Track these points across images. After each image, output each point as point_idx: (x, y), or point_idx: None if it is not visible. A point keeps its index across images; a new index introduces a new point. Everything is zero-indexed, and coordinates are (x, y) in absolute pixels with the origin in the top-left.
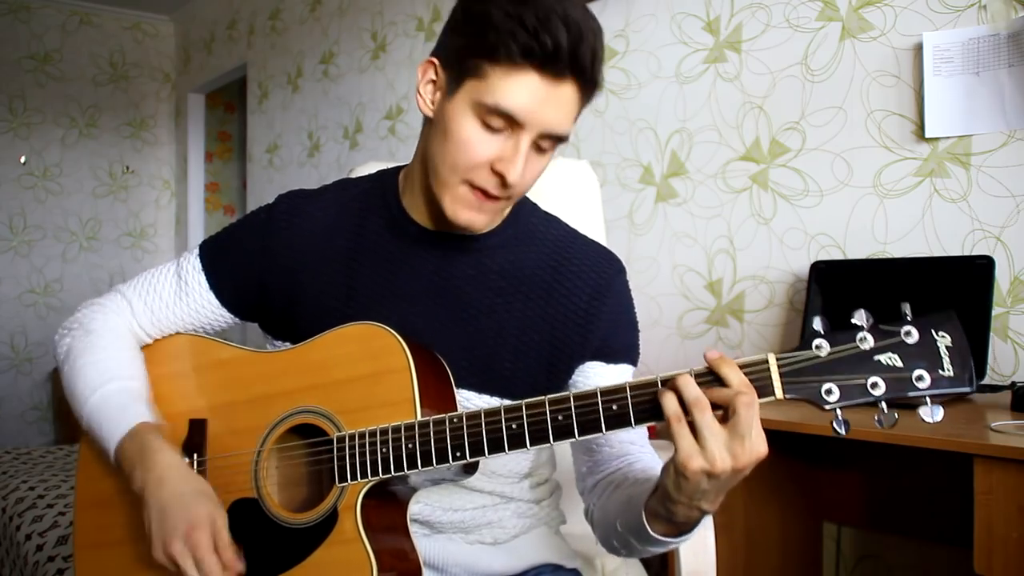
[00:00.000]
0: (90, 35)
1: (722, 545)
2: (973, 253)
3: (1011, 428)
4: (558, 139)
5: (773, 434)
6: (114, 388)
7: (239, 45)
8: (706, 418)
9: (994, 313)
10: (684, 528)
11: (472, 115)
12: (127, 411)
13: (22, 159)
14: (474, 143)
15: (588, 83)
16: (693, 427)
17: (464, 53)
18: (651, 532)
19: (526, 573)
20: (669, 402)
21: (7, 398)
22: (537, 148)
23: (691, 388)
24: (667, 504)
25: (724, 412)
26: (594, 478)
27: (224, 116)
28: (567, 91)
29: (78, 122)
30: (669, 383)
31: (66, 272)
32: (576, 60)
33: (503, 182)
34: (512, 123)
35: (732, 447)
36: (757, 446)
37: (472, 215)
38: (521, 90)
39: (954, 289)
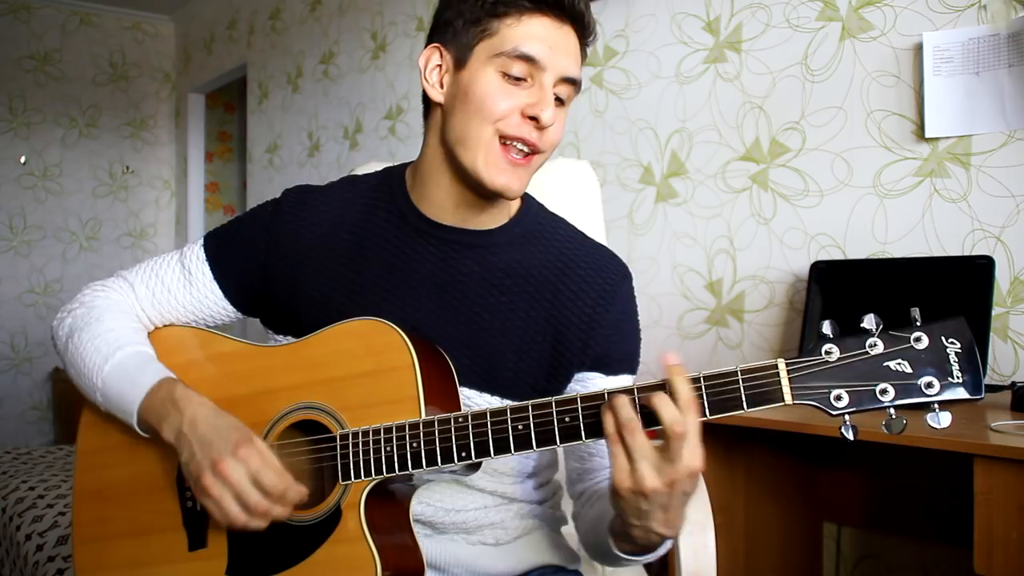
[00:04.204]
0: (90, 35)
1: (722, 545)
2: (973, 253)
3: (1011, 428)
4: (572, 84)
5: (774, 434)
6: (129, 352)
7: (239, 45)
8: (636, 440)
9: (994, 313)
10: (648, 549)
11: (492, 70)
12: (146, 369)
13: (22, 159)
14: (500, 93)
15: (584, 29)
16: (626, 448)
17: (468, 23)
18: (615, 550)
19: (528, 574)
20: (607, 421)
21: (7, 398)
22: (557, 100)
23: (624, 410)
24: (624, 526)
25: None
26: (582, 486)
27: (224, 116)
28: (570, 34)
29: (78, 122)
30: (609, 401)
31: (66, 272)
32: (573, 4)
33: (537, 125)
34: (533, 68)
35: (661, 468)
36: (688, 464)
37: (508, 177)
38: (535, 33)
39: (954, 289)
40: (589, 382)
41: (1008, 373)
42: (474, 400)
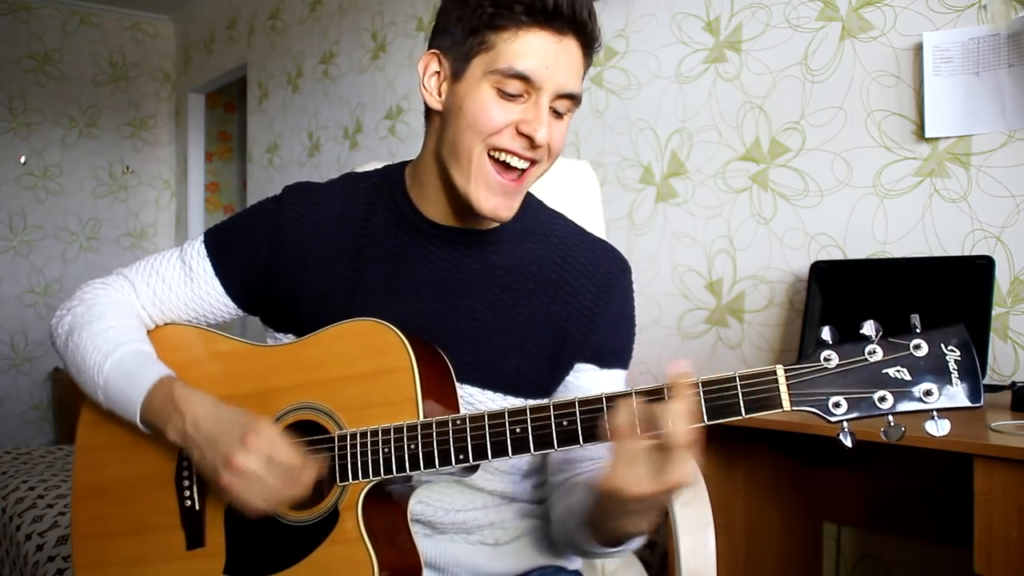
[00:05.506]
0: (90, 35)
1: (722, 545)
2: (973, 253)
3: (1011, 428)
4: (571, 99)
5: (773, 434)
6: (129, 350)
7: (239, 45)
8: (635, 446)
9: (994, 313)
10: (619, 541)
11: (487, 85)
12: (145, 368)
13: (22, 159)
14: (494, 109)
15: (588, 38)
16: (624, 452)
17: (466, 33)
18: (588, 543)
19: (528, 574)
20: (607, 424)
21: (7, 398)
22: (555, 113)
23: (624, 415)
24: (605, 521)
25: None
26: (563, 476)
27: (224, 116)
28: (572, 47)
29: (78, 122)
30: (610, 406)
31: (66, 272)
32: (575, 15)
33: (531, 144)
34: (528, 85)
35: (657, 475)
36: (677, 477)
37: (498, 202)
38: (531, 49)
39: (954, 289)
40: (582, 373)
41: (1008, 373)
42: (476, 398)
